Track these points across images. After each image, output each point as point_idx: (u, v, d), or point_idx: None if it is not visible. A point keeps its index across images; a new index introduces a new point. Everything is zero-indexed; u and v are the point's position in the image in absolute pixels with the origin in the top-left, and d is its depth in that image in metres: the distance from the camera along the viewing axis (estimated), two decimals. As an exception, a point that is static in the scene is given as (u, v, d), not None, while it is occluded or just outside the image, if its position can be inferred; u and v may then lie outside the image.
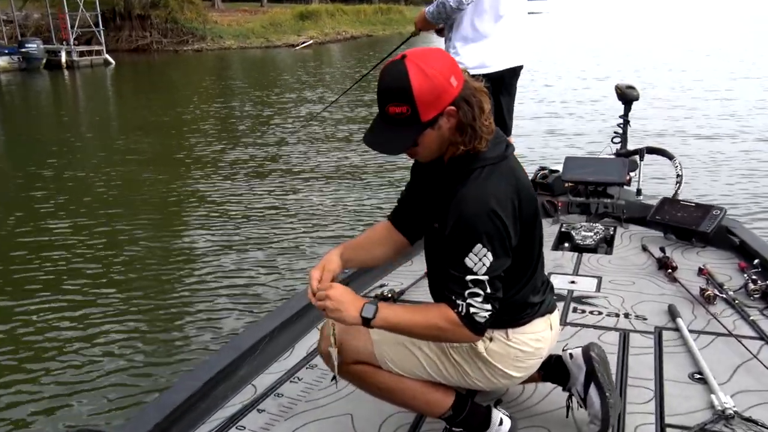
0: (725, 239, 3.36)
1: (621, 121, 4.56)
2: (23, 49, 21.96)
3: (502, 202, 1.58)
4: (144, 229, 6.12)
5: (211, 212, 6.58)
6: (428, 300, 1.83)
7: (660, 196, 3.92)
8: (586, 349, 1.86)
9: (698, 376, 2.20)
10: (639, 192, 4.10)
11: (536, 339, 1.78)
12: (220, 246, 5.62)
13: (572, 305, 2.81)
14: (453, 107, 1.56)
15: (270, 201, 6.89)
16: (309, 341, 2.56)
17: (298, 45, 30.33)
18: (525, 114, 10.58)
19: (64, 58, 22.93)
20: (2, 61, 21.44)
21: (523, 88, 6.19)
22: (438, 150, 1.64)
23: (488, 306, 1.59)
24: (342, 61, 24.68)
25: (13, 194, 7.48)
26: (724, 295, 2.74)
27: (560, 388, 1.96)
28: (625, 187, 4.05)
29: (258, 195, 7.12)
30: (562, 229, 3.74)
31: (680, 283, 2.92)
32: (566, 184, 4.04)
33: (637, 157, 4.23)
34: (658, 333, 2.53)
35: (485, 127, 1.60)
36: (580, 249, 3.54)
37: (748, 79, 15.15)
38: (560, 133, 9.84)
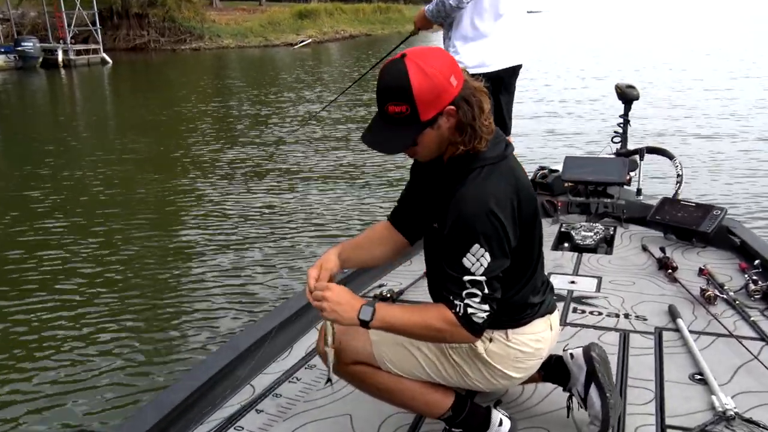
0: (726, 239, 3.35)
1: (621, 120, 4.55)
2: (19, 48, 21.90)
3: (501, 202, 1.57)
4: (141, 229, 6.10)
5: (208, 212, 6.57)
6: (427, 300, 1.82)
7: (660, 195, 3.92)
8: (587, 350, 1.86)
9: (699, 376, 2.19)
10: (639, 192, 4.09)
11: (536, 339, 1.77)
12: (217, 246, 5.61)
13: (572, 305, 2.80)
14: (452, 107, 1.55)
15: (268, 201, 6.87)
16: (308, 341, 2.55)
17: (296, 44, 30.36)
18: (524, 113, 10.57)
19: (60, 56, 22.83)
20: (-2, 59, 21.42)
21: (522, 87, 6.19)
22: (437, 149, 1.64)
23: (486, 307, 1.58)
24: (340, 60, 24.68)
25: (9, 193, 7.44)
26: (724, 296, 2.74)
27: (560, 389, 1.95)
28: (625, 186, 4.04)
29: (256, 195, 7.11)
30: (562, 229, 3.73)
31: (680, 283, 2.91)
32: (566, 184, 4.03)
33: (637, 157, 4.22)
34: (658, 333, 2.52)
35: (485, 127, 1.59)
36: (579, 249, 3.53)
37: (749, 79, 15.15)
38: (560, 132, 9.82)
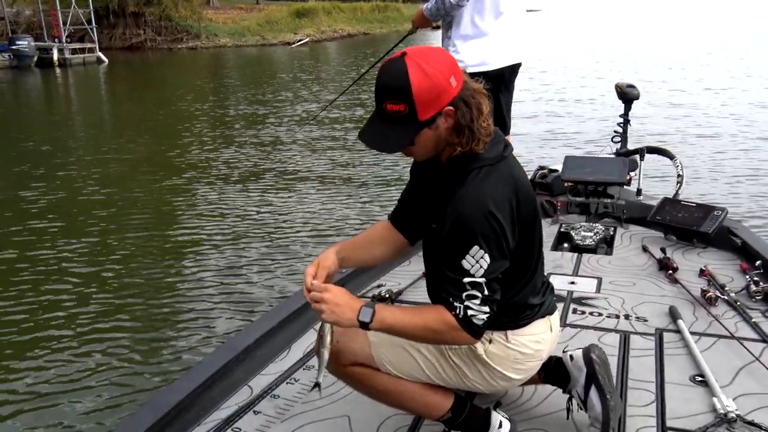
0: (727, 240, 3.34)
1: (621, 120, 4.54)
2: (14, 47, 21.74)
3: (499, 203, 1.56)
4: (136, 229, 6.08)
5: (205, 212, 6.54)
6: (426, 300, 1.81)
7: (660, 196, 3.90)
8: (587, 351, 1.85)
9: (700, 378, 2.18)
10: (639, 192, 4.07)
11: (536, 341, 1.76)
12: (214, 246, 5.59)
13: (572, 306, 2.79)
14: (451, 107, 1.54)
15: (264, 201, 6.85)
16: (305, 342, 2.54)
17: (294, 43, 30.27)
18: (524, 113, 10.56)
19: (56, 55, 22.67)
20: (-8, 58, 21.30)
21: (521, 87, 6.15)
22: (434, 149, 1.63)
23: (486, 308, 1.57)
24: (338, 60, 24.64)
25: (2, 193, 7.40)
26: (725, 297, 2.73)
27: (560, 390, 1.94)
28: (625, 187, 4.02)
29: (252, 195, 7.08)
30: (562, 230, 3.72)
31: (681, 284, 2.90)
32: (566, 184, 4.01)
33: (637, 157, 4.20)
34: (658, 335, 2.51)
35: (483, 129, 1.58)
36: (579, 249, 3.52)
37: (750, 78, 15.11)
38: (559, 132, 9.81)
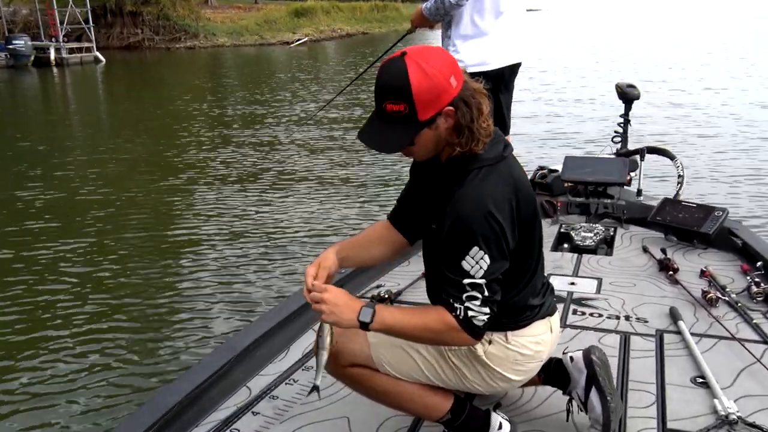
0: (727, 241, 3.33)
1: (621, 120, 4.52)
2: (10, 46, 21.68)
3: (499, 203, 1.55)
4: (133, 230, 6.04)
5: (203, 213, 6.51)
6: (426, 301, 1.81)
7: (661, 196, 3.90)
8: (587, 353, 1.84)
9: (701, 380, 2.18)
10: (639, 192, 4.06)
11: (536, 342, 1.76)
12: (212, 247, 5.55)
13: (572, 307, 2.78)
14: (451, 107, 1.53)
15: (262, 201, 6.81)
16: (304, 343, 2.53)
17: (292, 42, 30.16)
18: (523, 113, 10.53)
19: (53, 55, 22.55)
20: (-11, 57, 21.21)
21: (521, 87, 6.14)
22: (434, 149, 1.62)
23: (486, 309, 1.56)
24: (337, 59, 24.57)
25: (-1, 193, 7.38)
26: (726, 298, 2.72)
27: (560, 392, 1.94)
28: (625, 187, 4.02)
29: (250, 195, 7.05)
30: (562, 230, 3.71)
31: (682, 285, 2.89)
32: (566, 184, 4.00)
33: (637, 157, 4.19)
34: (659, 336, 2.50)
35: (483, 129, 1.58)
36: (579, 250, 3.50)
37: (750, 77, 15.06)
38: (559, 132, 9.78)
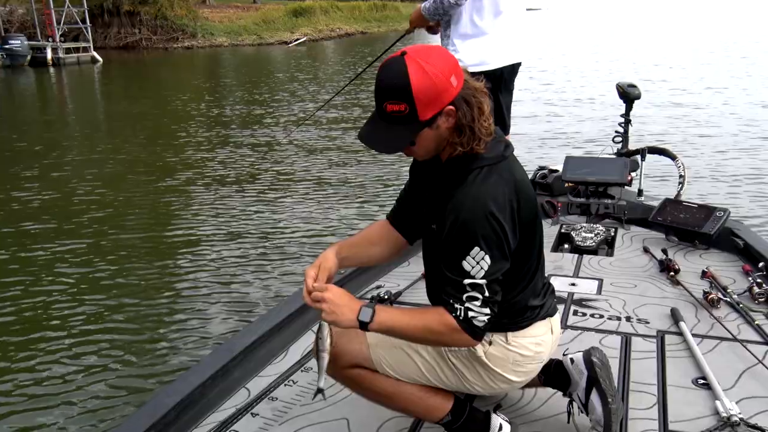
0: (729, 241, 3.31)
1: (622, 120, 4.51)
2: (7, 46, 21.62)
3: (500, 204, 1.55)
4: (131, 231, 6.02)
5: (200, 213, 6.48)
6: (426, 302, 1.80)
7: (662, 196, 3.89)
8: (587, 354, 1.83)
9: (702, 381, 2.16)
10: (640, 192, 4.05)
11: (536, 343, 1.75)
12: (210, 248, 5.53)
13: (573, 308, 2.77)
14: (452, 107, 1.53)
15: (262, 201, 6.80)
16: (304, 344, 2.52)
17: (291, 42, 30.12)
18: (524, 113, 10.52)
19: (49, 55, 22.45)
20: (-15, 57, 21.14)
21: (521, 86, 6.13)
22: (435, 149, 1.62)
23: (487, 310, 1.56)
24: (336, 59, 24.53)
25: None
26: (728, 299, 2.70)
27: (561, 393, 1.93)
28: (626, 187, 4.00)
29: (249, 195, 7.03)
30: (562, 230, 3.69)
31: (683, 286, 2.88)
32: (566, 184, 3.99)
33: (638, 157, 4.18)
34: (660, 337, 2.49)
35: (484, 128, 1.57)
36: (580, 250, 3.49)
37: (751, 77, 15.02)
38: (560, 132, 9.76)
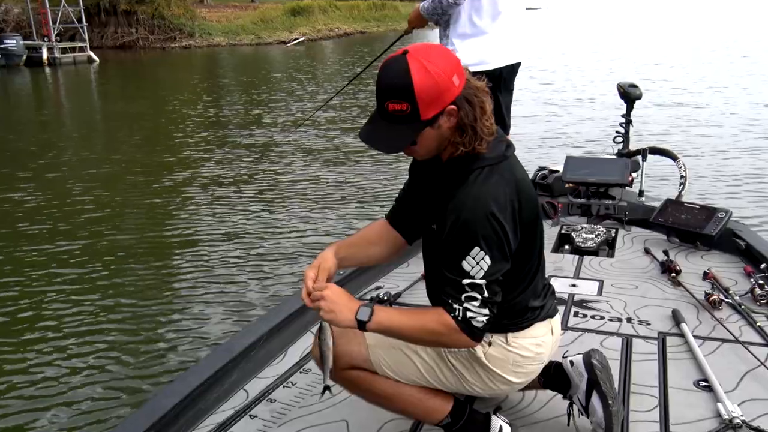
0: (731, 242, 3.30)
1: (623, 120, 4.49)
2: (2, 46, 21.54)
3: (501, 204, 1.54)
4: (128, 232, 5.99)
5: (198, 214, 6.45)
6: (425, 303, 1.79)
7: (663, 197, 3.87)
8: (587, 357, 1.82)
9: (704, 383, 2.15)
10: (641, 193, 4.05)
11: (537, 344, 1.74)
12: (207, 249, 5.50)
13: (573, 309, 2.75)
14: (454, 106, 1.52)
15: (260, 201, 6.77)
16: (302, 345, 2.51)
17: (289, 42, 30.00)
18: (524, 113, 10.49)
19: (45, 55, 22.33)
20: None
21: (521, 86, 6.11)
22: (437, 149, 1.61)
23: (486, 311, 1.55)
24: (335, 58, 24.48)
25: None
26: (729, 300, 2.69)
27: (561, 395, 1.91)
28: (627, 188, 3.99)
29: (247, 196, 7.00)
30: (563, 231, 3.68)
31: (684, 287, 2.86)
32: (567, 185, 3.98)
33: (639, 158, 4.17)
34: (662, 339, 2.48)
35: (486, 128, 1.57)
36: (580, 251, 3.48)
37: (753, 76, 14.97)
38: (560, 132, 9.73)
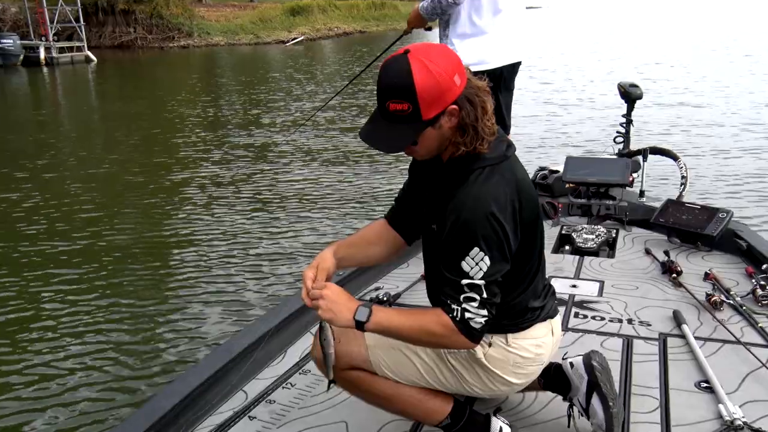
0: (732, 243, 3.29)
1: (623, 120, 4.49)
2: (-1, 45, 21.46)
3: (501, 204, 1.53)
4: (124, 234, 5.94)
5: (196, 214, 6.41)
6: (425, 304, 1.79)
7: (664, 197, 3.87)
8: (587, 358, 1.81)
9: (705, 384, 2.14)
10: (642, 193, 4.04)
11: (537, 345, 1.73)
12: (206, 249, 5.48)
13: (574, 310, 2.75)
14: (455, 106, 1.51)
15: (259, 201, 6.74)
16: (302, 346, 2.51)
17: (288, 41, 29.92)
18: (524, 113, 10.46)
19: (42, 54, 22.16)
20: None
21: (521, 86, 6.09)
22: (437, 149, 1.60)
23: (484, 311, 1.54)
24: (334, 58, 24.42)
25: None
26: (731, 301, 2.68)
27: (561, 397, 1.90)
28: (627, 188, 3.98)
29: (246, 196, 6.97)
30: (563, 232, 3.67)
31: (685, 288, 2.86)
32: (567, 185, 3.97)
33: (640, 158, 4.16)
34: (662, 340, 2.47)
35: (487, 128, 1.56)
36: (581, 252, 3.47)
37: (754, 75, 14.94)
38: (560, 132, 9.71)
